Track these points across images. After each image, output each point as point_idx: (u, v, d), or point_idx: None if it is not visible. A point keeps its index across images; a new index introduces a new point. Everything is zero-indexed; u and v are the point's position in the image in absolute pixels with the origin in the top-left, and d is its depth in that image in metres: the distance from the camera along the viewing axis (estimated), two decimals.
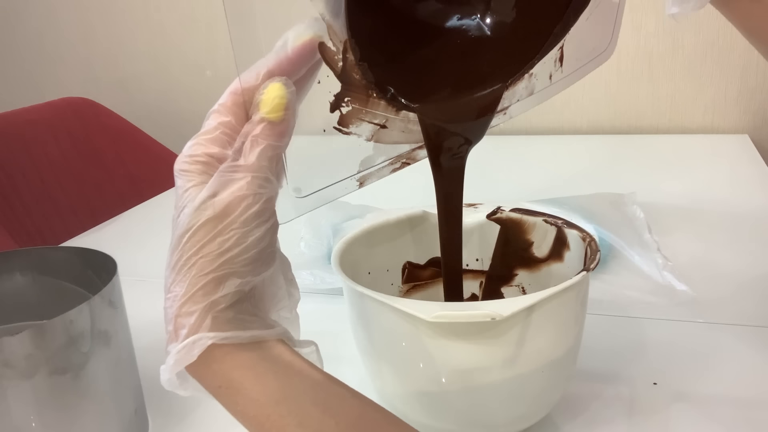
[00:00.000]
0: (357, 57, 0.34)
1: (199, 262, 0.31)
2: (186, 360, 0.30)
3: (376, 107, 0.37)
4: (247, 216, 0.31)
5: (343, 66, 0.34)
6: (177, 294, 0.31)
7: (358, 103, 0.36)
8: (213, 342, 0.30)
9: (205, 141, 0.32)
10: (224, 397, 0.31)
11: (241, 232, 0.31)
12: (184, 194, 0.32)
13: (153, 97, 1.56)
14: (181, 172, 0.32)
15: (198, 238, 0.31)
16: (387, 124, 0.38)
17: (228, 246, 0.31)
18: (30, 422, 0.39)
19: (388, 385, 0.43)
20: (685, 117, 1.22)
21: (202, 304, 0.30)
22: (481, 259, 0.52)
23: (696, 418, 0.45)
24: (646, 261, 0.65)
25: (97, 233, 0.96)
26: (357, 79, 0.35)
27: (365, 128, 0.37)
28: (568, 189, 0.80)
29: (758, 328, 0.56)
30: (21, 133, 1.15)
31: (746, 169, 0.99)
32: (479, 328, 0.37)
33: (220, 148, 0.32)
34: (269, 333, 0.32)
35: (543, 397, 0.43)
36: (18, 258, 0.49)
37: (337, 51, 0.34)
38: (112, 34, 1.55)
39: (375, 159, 0.39)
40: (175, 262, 0.31)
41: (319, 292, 0.66)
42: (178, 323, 0.31)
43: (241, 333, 0.31)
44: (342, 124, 0.36)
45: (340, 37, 0.33)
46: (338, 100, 0.35)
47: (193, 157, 0.32)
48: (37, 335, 0.38)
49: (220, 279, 0.31)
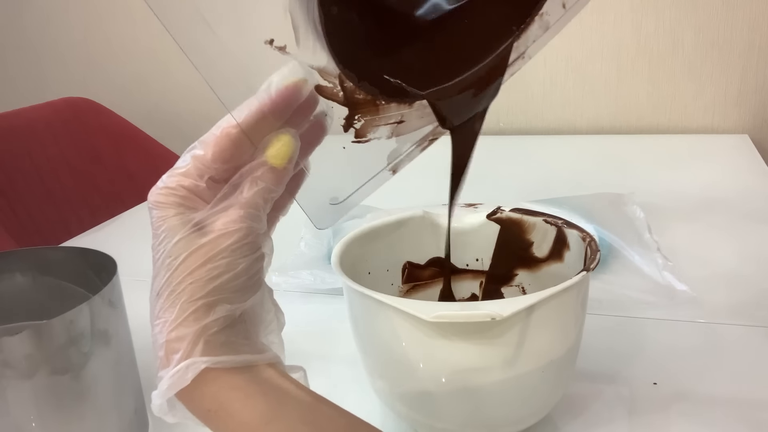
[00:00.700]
0: (355, 81, 0.35)
1: (188, 288, 0.31)
2: (180, 384, 0.30)
3: (389, 110, 0.37)
4: (238, 246, 0.32)
5: (344, 94, 0.35)
6: (167, 320, 0.31)
7: (369, 114, 0.37)
8: (207, 366, 0.30)
9: (178, 174, 0.33)
10: (215, 420, 0.31)
11: (231, 260, 0.31)
12: (164, 224, 0.32)
13: (153, 98, 1.56)
14: (157, 203, 0.33)
15: (188, 264, 0.31)
16: (404, 118, 0.38)
17: (218, 272, 0.31)
18: (30, 422, 0.39)
19: (389, 385, 0.43)
20: (685, 117, 1.22)
21: (194, 328, 0.31)
22: (481, 259, 0.52)
23: (696, 418, 0.45)
24: (646, 261, 0.65)
25: (97, 233, 0.96)
26: (362, 98, 0.36)
27: (383, 130, 0.38)
28: (568, 189, 0.80)
29: (758, 328, 0.56)
30: (21, 133, 1.15)
31: (746, 169, 0.99)
32: (479, 328, 0.37)
33: (193, 181, 0.33)
34: (260, 357, 0.32)
35: (543, 397, 0.43)
36: (18, 258, 0.49)
37: (334, 86, 0.35)
38: (112, 34, 1.55)
39: (401, 149, 0.40)
40: (162, 289, 0.31)
41: (319, 292, 0.66)
42: (170, 348, 0.31)
43: (234, 357, 0.31)
44: (359, 136, 0.37)
45: (333, 73, 0.35)
46: (349, 120, 0.36)
47: (168, 189, 0.33)
48: (37, 335, 0.38)
49: (211, 304, 0.31)
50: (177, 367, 0.30)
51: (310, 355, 0.56)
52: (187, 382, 0.30)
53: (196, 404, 0.31)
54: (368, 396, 0.47)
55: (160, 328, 0.31)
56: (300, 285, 0.67)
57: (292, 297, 0.67)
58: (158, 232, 0.32)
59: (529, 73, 1.27)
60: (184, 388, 0.31)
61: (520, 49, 0.38)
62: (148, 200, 0.33)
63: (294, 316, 0.57)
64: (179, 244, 0.31)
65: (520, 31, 0.37)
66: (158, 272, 0.32)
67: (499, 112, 1.31)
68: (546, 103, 1.28)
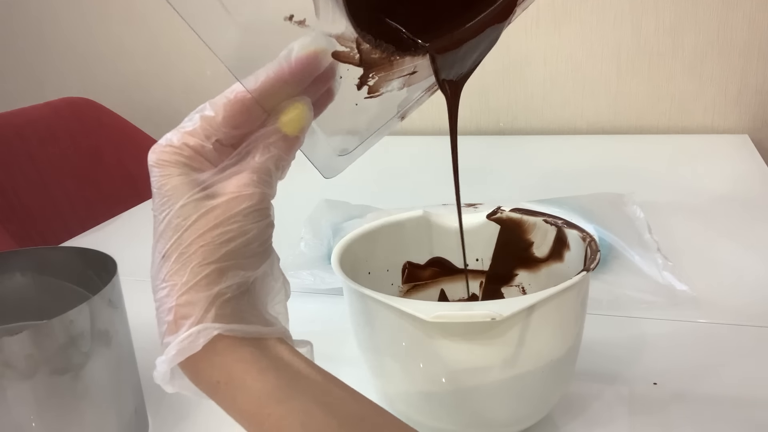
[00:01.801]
0: (372, 42, 0.35)
1: (200, 251, 0.30)
2: (190, 350, 0.29)
3: (402, 64, 0.37)
4: (251, 210, 0.31)
5: (360, 56, 0.35)
6: (176, 283, 0.30)
7: (383, 71, 0.37)
8: (219, 333, 0.29)
9: (184, 132, 0.32)
10: (222, 392, 0.30)
11: (243, 224, 0.30)
12: (169, 183, 0.31)
13: (153, 97, 1.56)
14: (159, 162, 0.31)
15: (198, 227, 0.30)
16: (416, 69, 0.38)
17: (231, 236, 0.30)
18: (30, 422, 0.39)
19: (389, 385, 0.43)
20: (685, 117, 1.22)
21: (207, 293, 0.30)
22: (481, 259, 0.52)
23: (696, 418, 0.45)
24: (646, 261, 0.65)
25: (97, 233, 0.96)
26: (378, 57, 0.36)
27: (396, 83, 0.38)
28: (568, 189, 0.80)
29: (758, 328, 0.56)
30: (21, 133, 1.15)
31: (746, 169, 0.99)
32: (479, 328, 0.37)
33: (199, 141, 0.32)
34: (272, 330, 0.31)
35: (543, 397, 0.43)
36: (18, 258, 0.49)
37: (351, 50, 0.35)
38: (113, 34, 1.55)
39: (411, 96, 0.40)
40: (170, 251, 0.30)
41: (319, 292, 0.66)
42: (180, 313, 0.30)
43: (246, 327, 0.30)
44: (372, 91, 0.37)
45: (350, 38, 0.35)
46: (363, 79, 0.36)
47: (172, 147, 0.32)
48: (37, 335, 0.38)
49: (223, 270, 0.30)
50: (188, 332, 0.29)
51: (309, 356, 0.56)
52: (197, 348, 0.29)
53: (203, 375, 0.30)
54: (368, 396, 0.47)
55: (168, 291, 0.30)
56: (300, 285, 0.67)
57: (292, 297, 0.66)
58: (162, 191, 0.31)
59: (529, 73, 1.27)
60: (192, 356, 0.29)
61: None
62: (149, 159, 0.32)
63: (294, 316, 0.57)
64: (188, 206, 0.30)
65: None
66: (163, 234, 0.30)
67: (499, 112, 1.31)
68: (546, 103, 1.28)
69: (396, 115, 0.40)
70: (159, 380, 0.31)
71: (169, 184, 0.31)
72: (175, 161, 0.31)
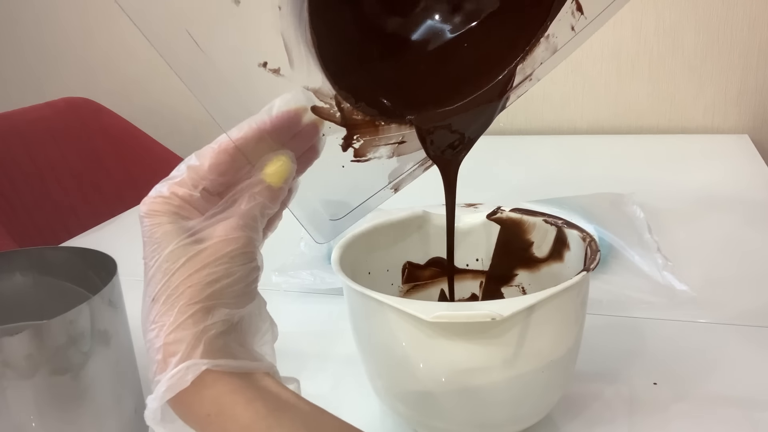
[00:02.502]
0: (353, 102, 0.35)
1: (187, 292, 0.31)
2: (179, 386, 0.30)
3: (389, 131, 0.38)
4: (238, 253, 0.32)
5: (341, 114, 0.36)
6: (164, 324, 0.31)
7: (368, 134, 0.37)
8: (207, 368, 0.30)
9: (173, 183, 0.33)
10: (214, 425, 0.30)
11: (230, 266, 0.32)
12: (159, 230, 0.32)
13: (153, 98, 1.56)
14: (150, 212, 0.33)
15: (186, 269, 0.31)
16: (405, 138, 0.39)
17: (217, 277, 0.31)
18: (30, 422, 0.39)
19: (389, 385, 0.43)
20: (685, 117, 1.22)
21: (193, 330, 0.31)
22: (481, 259, 0.52)
23: (696, 418, 0.45)
24: (646, 261, 0.65)
25: (97, 233, 0.96)
26: (360, 119, 0.36)
27: (384, 150, 0.38)
28: (568, 189, 0.80)
29: (758, 328, 0.56)
30: (21, 133, 1.15)
31: (746, 169, 0.99)
32: (479, 328, 0.37)
33: (187, 190, 0.33)
34: (258, 365, 0.32)
35: (543, 397, 0.43)
36: (18, 258, 0.49)
37: (330, 107, 0.36)
38: (113, 34, 1.55)
39: (403, 167, 0.40)
40: (159, 294, 0.31)
41: (319, 292, 0.66)
42: (168, 351, 0.30)
43: (233, 361, 0.31)
44: (358, 155, 0.38)
45: (329, 94, 0.35)
46: (347, 140, 0.37)
47: (162, 198, 0.33)
48: (37, 335, 0.38)
49: (209, 308, 0.31)
50: (177, 368, 0.30)
51: (310, 355, 0.56)
52: (186, 384, 0.30)
53: (194, 409, 0.31)
54: (368, 396, 0.47)
55: (156, 332, 0.31)
56: (300, 285, 0.67)
57: (292, 297, 0.67)
58: (152, 239, 0.32)
59: None
60: (182, 392, 0.30)
61: (526, 71, 0.38)
62: (140, 210, 0.33)
63: (294, 316, 0.57)
64: (176, 250, 0.31)
65: (525, 54, 0.37)
66: (152, 278, 0.32)
67: None
68: (546, 103, 1.28)
69: (387, 185, 0.40)
70: (149, 420, 0.32)
71: (159, 231, 0.32)
72: (165, 210, 0.33)
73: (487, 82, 0.38)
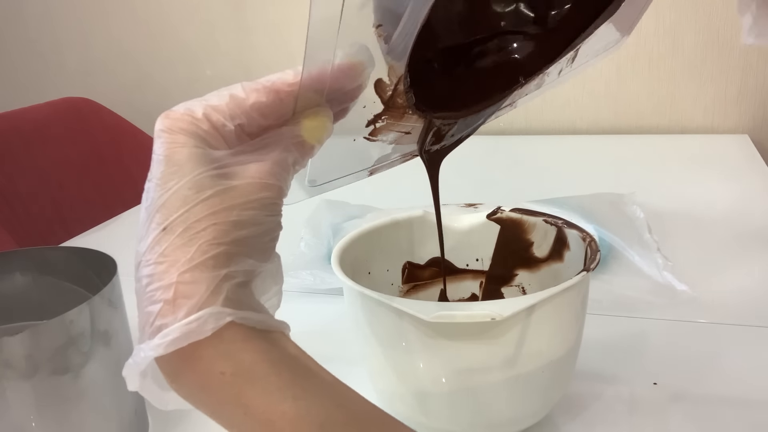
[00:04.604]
0: (406, 86, 0.35)
1: (211, 229, 0.27)
2: (196, 335, 0.26)
3: (408, 120, 0.38)
4: (268, 202, 0.29)
5: (391, 95, 0.36)
6: (178, 259, 0.26)
7: (393, 119, 0.37)
8: (232, 319, 0.26)
9: (208, 105, 0.30)
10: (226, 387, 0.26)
11: (259, 213, 0.28)
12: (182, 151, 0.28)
13: (153, 98, 1.56)
14: (173, 129, 0.29)
15: (212, 203, 0.27)
16: (411, 131, 0.39)
17: (245, 221, 0.28)
18: (30, 422, 0.39)
19: (389, 385, 0.43)
20: (685, 117, 1.22)
21: (214, 273, 0.26)
22: (481, 259, 0.52)
23: (696, 418, 0.45)
24: (646, 261, 0.65)
25: (97, 233, 0.96)
26: (399, 103, 0.36)
27: (392, 136, 0.39)
28: (568, 189, 0.80)
29: (758, 328, 0.56)
30: (21, 133, 1.15)
31: (746, 169, 0.99)
32: (479, 328, 0.37)
33: (222, 118, 0.29)
34: (280, 323, 0.29)
35: (543, 397, 0.43)
36: (18, 258, 0.49)
37: (390, 84, 0.35)
38: (113, 34, 1.55)
39: (391, 156, 0.41)
40: (174, 224, 0.27)
41: (319, 292, 0.66)
42: (180, 291, 0.26)
43: (257, 315, 0.27)
44: (373, 134, 0.38)
45: (397, 73, 0.35)
46: (376, 117, 0.37)
47: (191, 117, 0.29)
48: (37, 335, 0.38)
49: (232, 255, 0.27)
50: (196, 314, 0.25)
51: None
52: (206, 334, 0.26)
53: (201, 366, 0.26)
54: (368, 396, 0.47)
55: (166, 266, 0.26)
56: (300, 285, 0.67)
57: (292, 297, 0.67)
58: (171, 159, 0.28)
59: None
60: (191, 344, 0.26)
61: (513, 98, 0.40)
62: (159, 123, 0.29)
63: (294, 316, 0.57)
64: (203, 179, 0.27)
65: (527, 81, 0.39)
66: (166, 203, 0.27)
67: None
68: (546, 103, 1.28)
69: (368, 167, 0.40)
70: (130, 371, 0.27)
71: (182, 153, 0.28)
72: (191, 132, 0.29)
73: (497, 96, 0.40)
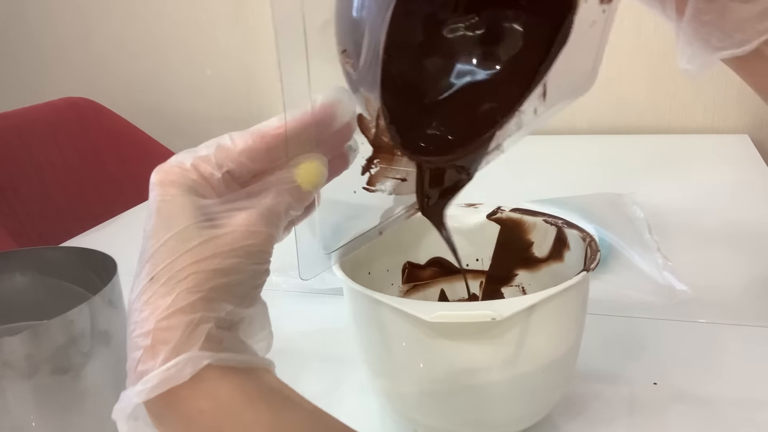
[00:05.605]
0: (387, 120, 0.36)
1: (191, 278, 0.28)
2: (174, 380, 0.27)
3: (399, 164, 0.39)
4: (255, 250, 0.30)
5: (375, 132, 0.37)
6: (158, 306, 0.27)
7: (385, 162, 0.38)
8: (209, 362, 0.27)
9: (197, 157, 0.31)
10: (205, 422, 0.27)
11: (242, 261, 0.29)
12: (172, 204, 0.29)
13: (153, 97, 1.56)
14: (164, 182, 0.30)
15: (196, 253, 0.28)
16: (407, 177, 0.40)
17: (227, 269, 0.29)
18: (30, 422, 0.39)
19: (389, 385, 0.43)
20: (685, 117, 1.22)
21: (190, 317, 0.27)
22: (481, 259, 0.52)
23: (696, 418, 0.45)
24: (646, 261, 0.65)
25: (97, 233, 0.96)
26: (386, 142, 0.37)
27: (389, 184, 0.40)
28: (568, 189, 0.80)
29: (758, 328, 0.55)
30: (21, 133, 1.15)
31: (746, 169, 0.99)
32: (479, 328, 0.37)
33: (210, 168, 0.30)
34: (261, 360, 0.30)
35: (543, 397, 0.43)
36: (18, 258, 0.49)
37: (371, 119, 0.36)
38: (112, 34, 1.55)
39: (394, 209, 0.42)
40: (160, 274, 0.28)
41: (319, 292, 0.66)
42: (158, 337, 0.27)
43: (236, 356, 0.28)
44: (370, 183, 0.39)
45: (375, 106, 0.35)
46: (369, 162, 0.38)
47: (181, 169, 0.30)
48: (37, 335, 0.38)
49: (211, 300, 0.28)
50: (174, 360, 0.27)
51: (310, 355, 0.56)
52: (184, 379, 0.27)
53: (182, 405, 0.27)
54: (368, 396, 0.47)
55: (147, 315, 0.27)
56: (300, 285, 0.67)
57: (292, 297, 0.67)
58: (163, 212, 0.29)
59: None
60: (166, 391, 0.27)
61: (498, 140, 0.41)
62: (153, 177, 0.30)
63: (294, 316, 0.57)
64: (190, 230, 0.28)
65: (503, 121, 0.40)
66: (155, 254, 0.28)
67: None
68: None
69: (377, 226, 0.41)
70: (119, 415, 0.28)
71: (172, 205, 0.29)
72: (180, 183, 0.30)
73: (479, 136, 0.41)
